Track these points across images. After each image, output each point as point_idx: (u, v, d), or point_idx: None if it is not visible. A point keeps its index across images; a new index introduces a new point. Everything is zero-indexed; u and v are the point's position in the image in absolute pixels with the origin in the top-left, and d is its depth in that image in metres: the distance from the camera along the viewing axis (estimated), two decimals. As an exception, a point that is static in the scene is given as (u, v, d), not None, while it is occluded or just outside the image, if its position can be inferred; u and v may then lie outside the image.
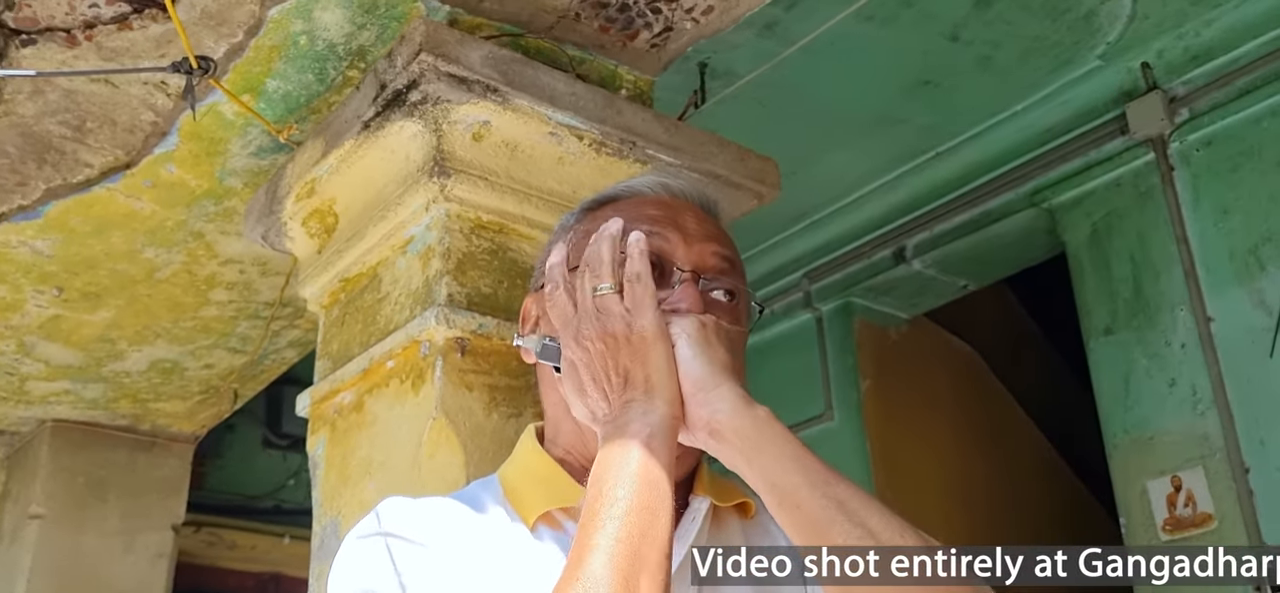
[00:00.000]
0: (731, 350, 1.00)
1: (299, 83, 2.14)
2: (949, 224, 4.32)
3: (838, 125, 4.11)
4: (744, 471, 0.94)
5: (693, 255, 1.07)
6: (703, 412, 0.94)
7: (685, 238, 1.08)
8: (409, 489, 1.83)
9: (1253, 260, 3.47)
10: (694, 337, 0.97)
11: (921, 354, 4.72)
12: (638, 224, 1.05)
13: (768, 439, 0.92)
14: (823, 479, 0.90)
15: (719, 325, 1.01)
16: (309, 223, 2.20)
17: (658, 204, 1.12)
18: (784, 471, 0.90)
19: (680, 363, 0.96)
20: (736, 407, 0.94)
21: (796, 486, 0.89)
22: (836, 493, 0.89)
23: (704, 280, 1.07)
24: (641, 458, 0.89)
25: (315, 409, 2.16)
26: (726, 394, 0.94)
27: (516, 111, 1.92)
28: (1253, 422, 3.35)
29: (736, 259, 1.13)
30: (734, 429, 0.93)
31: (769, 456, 0.91)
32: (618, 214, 1.08)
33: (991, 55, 3.81)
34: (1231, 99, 3.60)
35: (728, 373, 0.96)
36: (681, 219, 1.10)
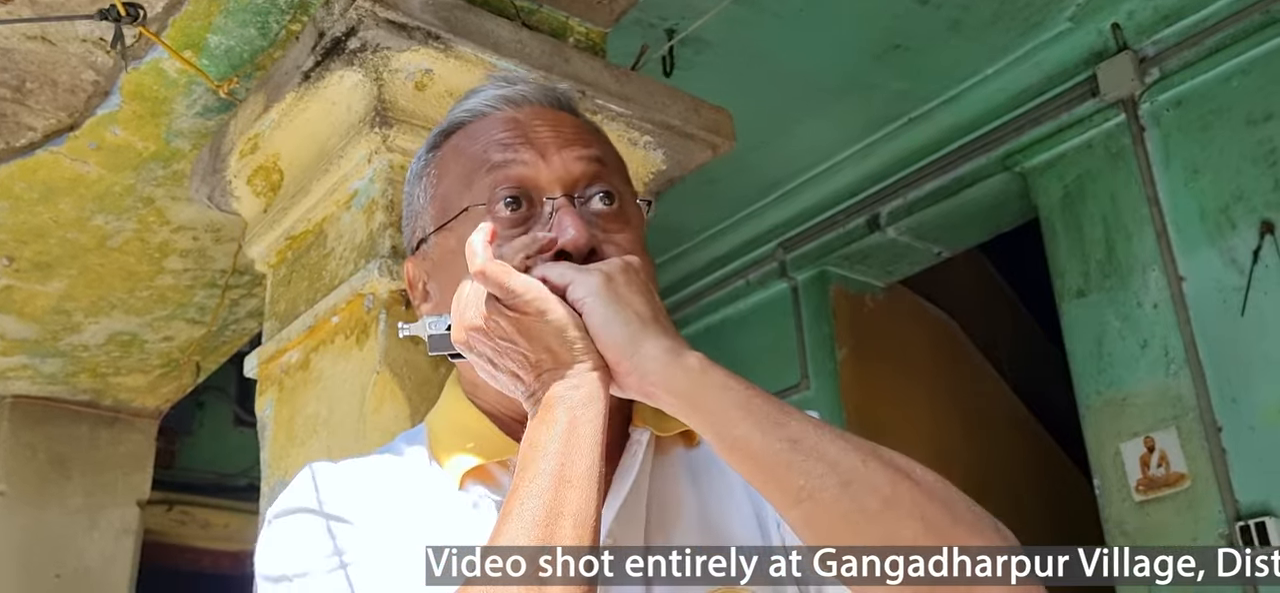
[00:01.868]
0: (647, 290, 0.90)
1: (241, 37, 2.09)
2: (922, 191, 4.28)
3: (809, 93, 4.07)
4: (690, 422, 0.87)
5: (557, 172, 0.96)
6: (632, 377, 0.86)
7: (543, 154, 0.96)
8: (355, 446, 1.79)
9: (1223, 219, 3.45)
10: (601, 294, 0.87)
11: (898, 322, 4.69)
12: (488, 153, 0.96)
13: (706, 389, 0.84)
14: (773, 421, 0.83)
15: (627, 268, 0.90)
16: (254, 181, 2.15)
17: (505, 123, 0.99)
18: (729, 420, 0.83)
19: (594, 329, 0.86)
20: (665, 363, 0.85)
21: (746, 434, 0.82)
22: (789, 432, 0.82)
23: (578, 196, 0.96)
24: (564, 430, 0.83)
25: (263, 370, 2.12)
26: (651, 351, 0.85)
27: (460, 59, 1.87)
28: (1224, 381, 3.33)
29: (606, 154, 1.01)
30: (667, 387, 0.85)
31: (710, 406, 0.84)
32: (465, 142, 1.00)
33: (961, 18, 3.77)
34: (1201, 58, 3.57)
35: (648, 324, 0.87)
36: (534, 133, 0.98)
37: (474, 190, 0.96)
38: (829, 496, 0.80)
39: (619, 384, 0.87)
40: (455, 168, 1.00)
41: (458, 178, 0.99)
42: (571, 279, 0.88)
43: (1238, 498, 3.20)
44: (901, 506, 0.80)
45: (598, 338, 0.86)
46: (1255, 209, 3.38)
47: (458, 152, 1.01)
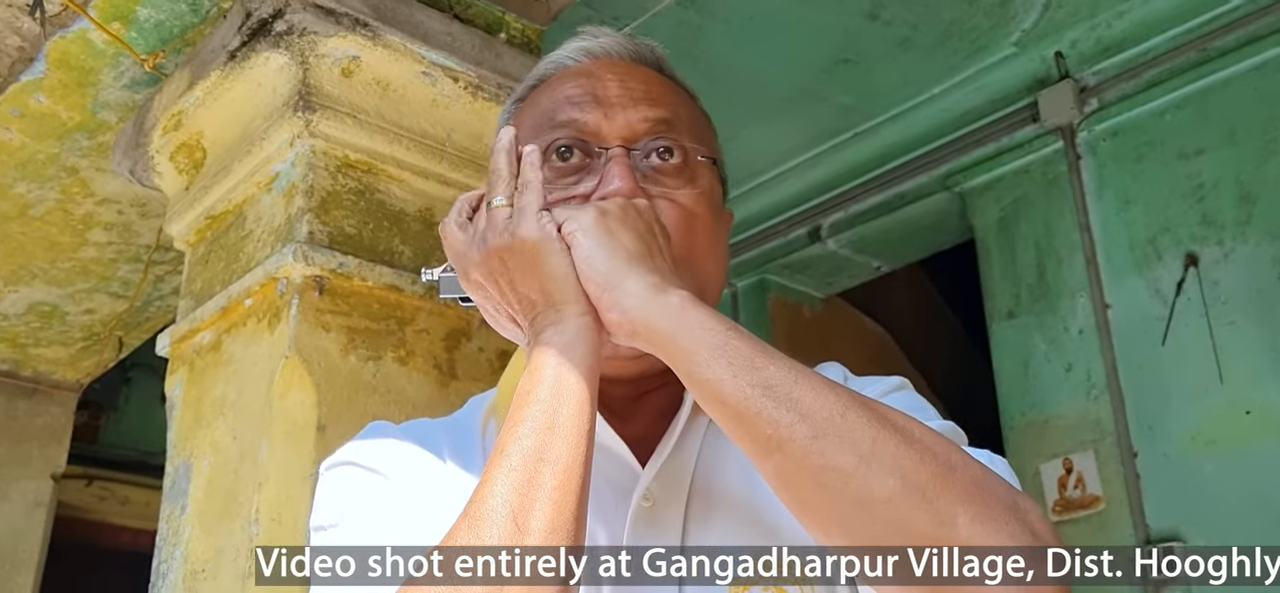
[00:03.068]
0: (645, 231, 0.87)
1: (171, 12, 2.08)
2: (863, 205, 4.34)
3: (757, 102, 4.11)
4: (671, 364, 0.83)
5: (618, 127, 0.95)
6: (612, 313, 0.83)
7: (607, 111, 0.95)
8: (260, 430, 1.79)
9: (1151, 250, 3.53)
10: (592, 228, 0.85)
11: (835, 334, 4.75)
12: (557, 110, 0.96)
13: (683, 328, 0.80)
14: (748, 363, 0.77)
15: (626, 206, 0.88)
16: (177, 157, 2.14)
17: (577, 76, 0.99)
18: (703, 361, 0.78)
19: (579, 262, 0.84)
20: (644, 297, 0.82)
21: (717, 375, 0.77)
22: (765, 376, 0.76)
23: (636, 150, 0.95)
24: (551, 377, 0.81)
25: (175, 349, 2.11)
26: (630, 288, 0.82)
27: (388, 48, 1.89)
28: (1142, 407, 3.41)
29: (677, 114, 0.99)
30: (645, 323, 0.81)
31: (686, 345, 0.79)
32: (541, 94, 1.00)
33: (910, 36, 3.82)
34: (1139, 91, 3.65)
35: (633, 261, 0.84)
36: (603, 89, 0.97)
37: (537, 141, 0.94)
38: (798, 448, 0.74)
39: (604, 324, 0.85)
40: (529, 120, 0.99)
41: (528, 131, 0.97)
42: (568, 215, 0.87)
43: (1149, 523, 3.28)
44: (881, 462, 0.73)
45: (582, 273, 0.85)
46: (1181, 242, 3.46)
47: (533, 105, 1.01)
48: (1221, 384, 3.27)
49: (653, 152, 0.94)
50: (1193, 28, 3.55)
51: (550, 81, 1.01)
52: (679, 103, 1.01)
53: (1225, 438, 3.26)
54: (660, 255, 0.87)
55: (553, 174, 0.93)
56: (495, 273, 0.87)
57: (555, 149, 0.94)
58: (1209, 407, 3.29)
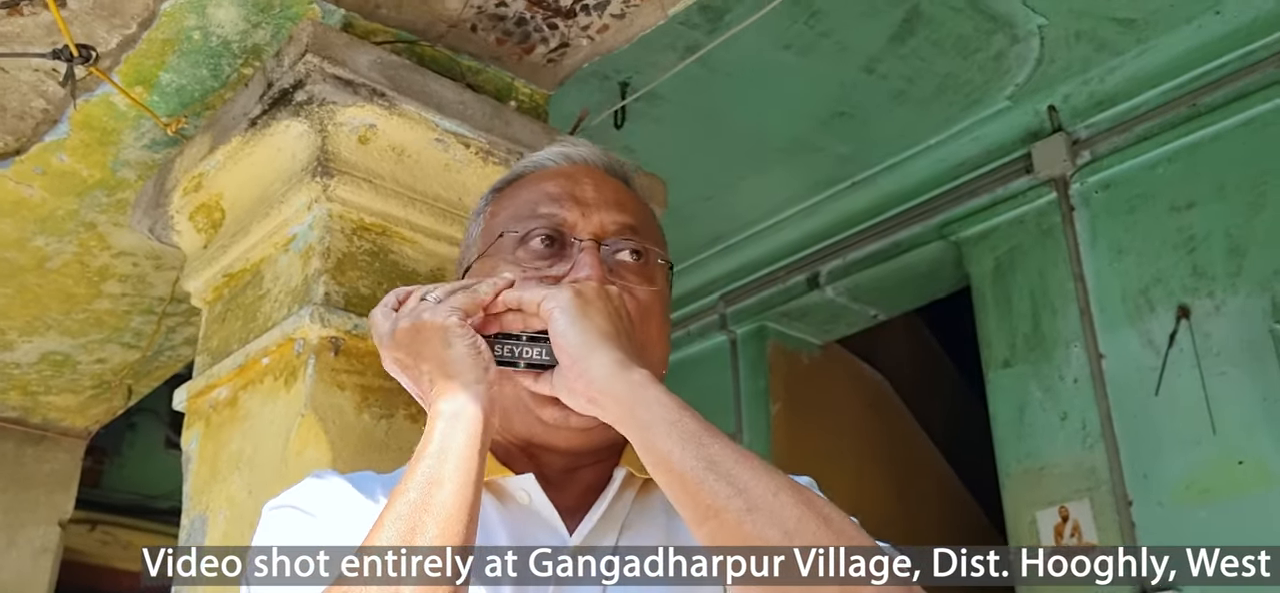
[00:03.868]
0: (614, 314, 0.99)
1: (193, 78, 2.16)
2: (861, 253, 4.43)
3: (756, 152, 4.21)
4: (626, 433, 0.94)
5: (592, 225, 1.08)
6: (579, 382, 0.95)
7: (584, 210, 1.09)
8: (277, 486, 1.85)
9: (1143, 301, 3.62)
10: (567, 307, 0.97)
11: (832, 380, 4.82)
12: (537, 204, 1.09)
13: (642, 402, 0.91)
14: (696, 440, 0.88)
15: (599, 290, 1.00)
16: (196, 217, 2.22)
17: (557, 177, 1.13)
18: (657, 434, 0.90)
19: (556, 336, 0.96)
20: (610, 371, 0.93)
21: (669, 448, 0.89)
22: (710, 452, 0.88)
23: (606, 246, 1.07)
24: (439, 439, 0.92)
25: (191, 404, 2.18)
26: (600, 360, 0.94)
27: (403, 116, 1.97)
28: (1137, 456, 3.48)
29: (641, 222, 1.12)
30: (609, 394, 0.93)
31: (643, 418, 0.91)
32: (520, 191, 1.13)
33: (906, 90, 3.93)
34: (1130, 145, 3.75)
35: (604, 338, 0.96)
36: (580, 190, 1.11)
37: (517, 227, 1.09)
38: (732, 518, 0.84)
39: (569, 389, 0.96)
40: (509, 209, 1.13)
41: (508, 217, 1.11)
42: (547, 294, 0.99)
43: (1144, 572, 3.34)
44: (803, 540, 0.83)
45: (557, 343, 0.96)
46: (1173, 293, 3.55)
47: (514, 196, 1.14)
48: (1214, 434, 3.35)
49: (619, 250, 1.08)
50: (1182, 83, 3.66)
51: (531, 178, 1.16)
52: (643, 212, 1.15)
53: (1219, 487, 3.33)
54: (626, 336, 0.98)
55: (530, 257, 1.07)
56: (403, 347, 0.99)
57: (537, 236, 1.07)
58: (1202, 456, 3.36)
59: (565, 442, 1.05)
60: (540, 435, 1.05)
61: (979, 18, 3.60)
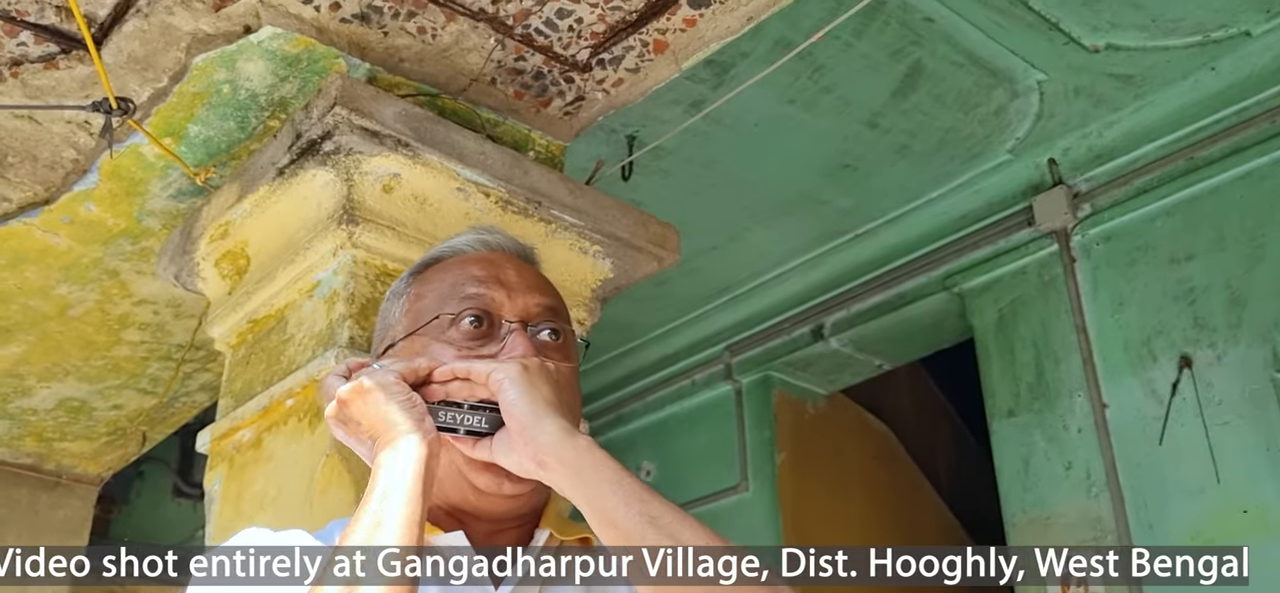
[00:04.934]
0: (555, 386, 1.10)
1: (221, 129, 2.26)
2: (865, 304, 4.51)
3: (761, 204, 4.31)
4: (570, 494, 1.04)
5: (518, 307, 1.18)
6: (528, 448, 1.04)
7: (509, 292, 1.19)
8: (301, 523, 1.92)
9: (1145, 351, 3.69)
10: (516, 379, 1.07)
11: (838, 430, 4.88)
12: (464, 284, 1.18)
13: (588, 465, 1.02)
14: (638, 498, 1.00)
15: (542, 365, 1.11)
16: (221, 264, 2.30)
17: (480, 261, 1.22)
18: (602, 493, 1.00)
19: (505, 405, 1.06)
20: (559, 438, 1.03)
21: (614, 506, 1.00)
22: (650, 510, 0.99)
23: (531, 327, 1.17)
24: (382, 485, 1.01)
25: (215, 446, 2.24)
26: (548, 428, 1.04)
27: (426, 166, 2.06)
28: (1142, 506, 3.53)
29: (558, 304, 1.24)
30: (557, 458, 1.03)
31: (589, 479, 1.02)
32: (444, 273, 1.22)
33: (908, 143, 4.03)
34: (1130, 197, 3.85)
35: (550, 407, 1.06)
36: (504, 274, 1.20)
37: (445, 309, 1.17)
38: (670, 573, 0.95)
39: (518, 455, 1.05)
40: (434, 290, 1.20)
41: (435, 298, 1.19)
42: (494, 366, 1.09)
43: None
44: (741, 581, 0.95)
45: (507, 414, 1.06)
46: (1175, 344, 3.63)
47: (438, 279, 1.22)
48: (1218, 484, 3.40)
49: (541, 330, 1.18)
50: (1181, 137, 3.76)
51: (452, 262, 1.24)
52: (556, 295, 1.25)
53: (1224, 537, 3.38)
54: (566, 406, 1.09)
55: (462, 336, 1.15)
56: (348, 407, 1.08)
57: (467, 316, 1.16)
58: (1207, 506, 3.42)
59: (495, 507, 1.14)
60: (471, 502, 1.13)
61: (979, 73, 3.71)
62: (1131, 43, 3.61)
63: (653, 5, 2.13)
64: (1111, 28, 3.54)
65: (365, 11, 2.08)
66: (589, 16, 2.15)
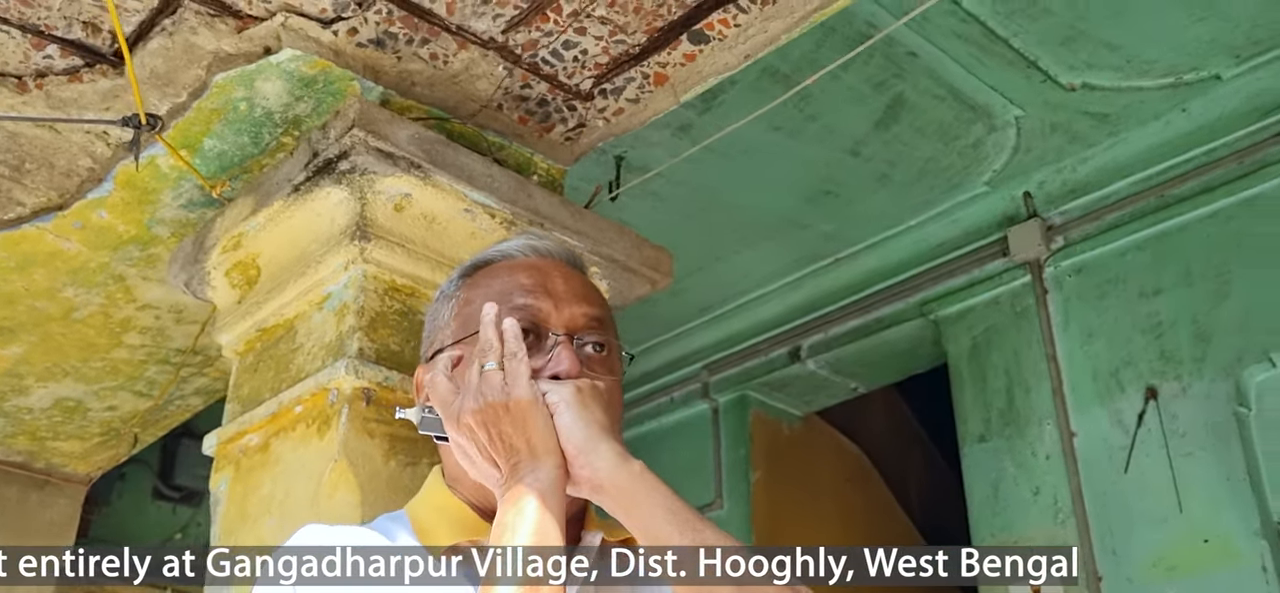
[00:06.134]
0: (607, 409, 1.16)
1: (235, 144, 2.38)
2: (842, 328, 4.69)
3: (744, 227, 4.47)
4: (623, 518, 1.11)
5: (564, 318, 1.23)
6: (585, 471, 1.10)
7: (556, 302, 1.23)
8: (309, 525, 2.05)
9: (1113, 382, 3.87)
10: (572, 402, 1.12)
11: (812, 451, 5.04)
12: (512, 294, 1.22)
13: (643, 492, 1.09)
14: (691, 526, 1.07)
15: (594, 387, 1.16)
16: (232, 274, 2.43)
17: (528, 268, 1.27)
18: (656, 519, 1.08)
19: (562, 428, 1.11)
20: (614, 464, 1.09)
21: (666, 531, 1.07)
22: (702, 537, 1.06)
23: (577, 339, 1.22)
24: (535, 518, 1.06)
25: (221, 449, 2.36)
26: (605, 453, 1.10)
27: (436, 187, 2.19)
28: (1107, 533, 3.71)
29: (604, 314, 1.28)
30: (613, 484, 1.09)
31: (644, 507, 1.09)
32: (493, 278, 1.26)
33: (889, 172, 4.21)
34: (1102, 231, 4.04)
35: (605, 432, 1.12)
36: (551, 283, 1.25)
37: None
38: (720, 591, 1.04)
39: (573, 477, 1.11)
40: (483, 295, 1.24)
41: (483, 303, 1.22)
42: (549, 388, 1.14)
43: (1113, 648, 3.56)
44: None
45: (563, 436, 1.11)
46: (1142, 375, 3.81)
47: (486, 284, 1.27)
48: (1181, 513, 3.59)
49: (588, 342, 1.23)
50: (1152, 175, 3.96)
51: (501, 266, 1.29)
52: (603, 303, 1.30)
53: (1185, 565, 3.57)
54: (618, 429, 1.16)
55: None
56: (487, 423, 1.12)
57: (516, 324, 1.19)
58: (1169, 534, 3.60)
59: None
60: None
61: (959, 107, 3.89)
62: (1107, 83, 3.81)
63: (655, 40, 2.28)
64: (1088, 68, 3.74)
65: (381, 37, 2.22)
66: (594, 49, 2.29)
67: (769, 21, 2.20)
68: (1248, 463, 3.50)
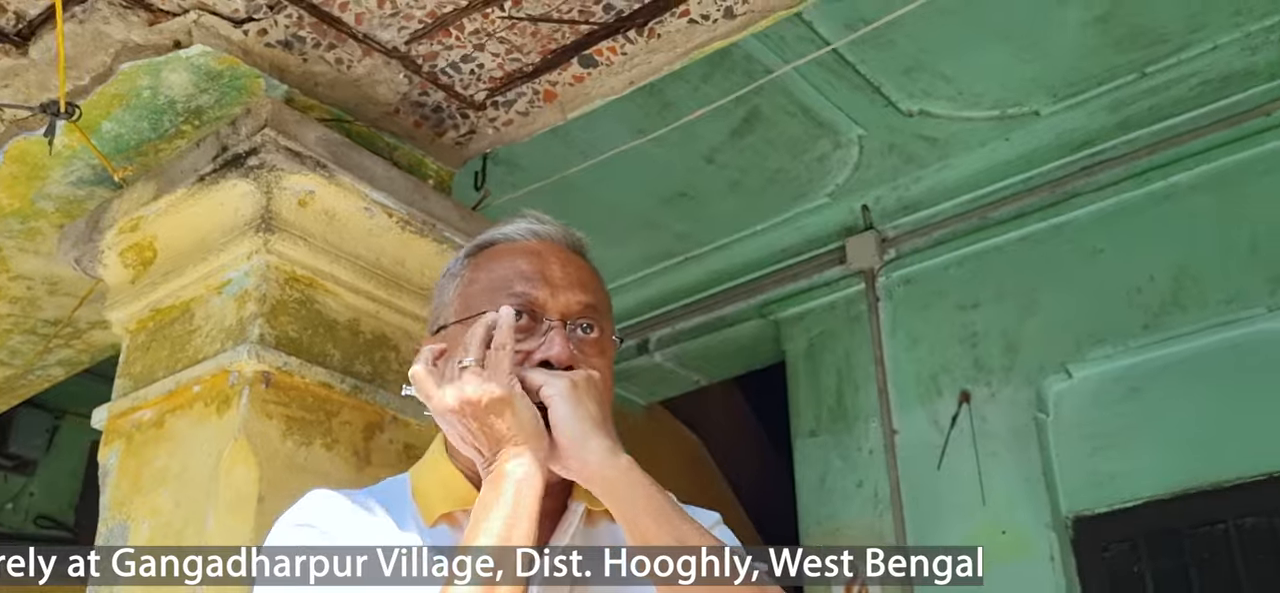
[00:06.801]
0: (600, 401, 1.22)
1: (133, 128, 2.50)
2: (689, 323, 5.03)
3: (606, 224, 4.72)
4: (609, 507, 1.18)
5: (559, 304, 1.28)
6: (575, 462, 1.17)
7: (553, 289, 1.29)
8: (206, 499, 2.21)
9: (932, 385, 4.33)
10: (566, 396, 1.19)
11: (654, 439, 5.37)
12: (512, 279, 1.29)
13: (628, 485, 1.17)
14: (672, 525, 1.16)
15: (589, 379, 1.22)
16: (127, 254, 2.54)
17: (528, 253, 1.32)
18: (637, 510, 1.16)
19: (555, 420, 1.18)
20: (604, 458, 1.17)
21: (646, 525, 1.15)
22: (683, 537, 1.15)
23: (571, 324, 1.28)
24: (510, 503, 1.15)
25: (112, 423, 2.49)
26: (594, 447, 1.17)
27: (339, 186, 2.38)
28: (920, 523, 4.16)
29: (598, 299, 1.33)
30: (602, 478, 1.17)
31: (626, 499, 1.16)
32: (495, 261, 1.33)
33: (740, 180, 4.55)
34: (929, 246, 4.49)
35: (597, 426, 1.19)
36: (549, 270, 1.30)
37: (494, 302, 1.27)
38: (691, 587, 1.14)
39: (564, 466, 1.19)
40: (484, 278, 1.32)
41: (484, 287, 1.30)
42: (545, 381, 1.21)
43: (919, 630, 4.00)
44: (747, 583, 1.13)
45: (556, 428, 1.18)
46: (957, 380, 4.28)
47: (489, 266, 1.33)
48: (984, 507, 4.06)
49: (580, 327, 1.30)
50: (975, 198, 4.43)
51: (503, 249, 1.35)
52: (599, 288, 1.36)
53: (985, 554, 4.03)
54: (609, 421, 1.22)
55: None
56: (466, 416, 1.19)
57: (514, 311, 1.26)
58: (973, 526, 4.07)
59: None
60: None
61: (808, 123, 4.26)
62: (941, 111, 4.25)
63: (547, 61, 2.52)
64: (925, 96, 4.17)
65: (289, 39, 2.38)
66: (490, 64, 2.52)
67: (653, 54, 2.48)
68: (1043, 463, 3.99)
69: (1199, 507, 3.67)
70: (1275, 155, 3.82)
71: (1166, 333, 3.87)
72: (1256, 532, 3.57)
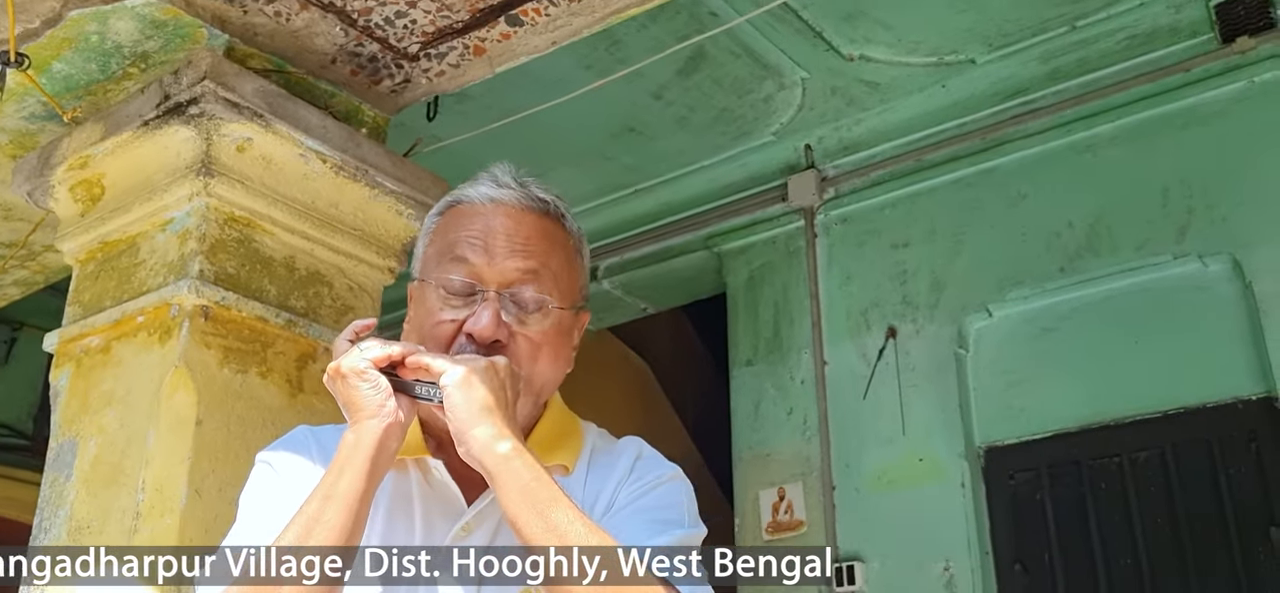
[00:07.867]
0: (497, 387, 1.23)
1: (82, 69, 2.68)
2: (637, 253, 5.24)
3: (553, 154, 4.90)
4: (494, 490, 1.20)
5: (495, 273, 1.31)
6: (462, 446, 1.21)
7: (491, 257, 1.32)
8: (148, 421, 2.44)
9: (862, 320, 4.57)
10: (459, 384, 1.21)
11: (602, 364, 5.62)
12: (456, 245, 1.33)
13: (505, 473, 1.18)
14: (541, 509, 1.16)
15: (489, 367, 1.23)
16: (76, 190, 2.74)
17: (478, 218, 1.35)
18: (511, 499, 1.18)
19: (447, 407, 1.21)
20: (484, 444, 1.19)
21: (517, 512, 1.17)
22: (552, 519, 1.16)
23: (509, 291, 1.32)
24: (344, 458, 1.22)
25: (62, 347, 2.70)
26: (478, 435, 1.20)
27: (276, 134, 2.57)
28: (844, 449, 4.43)
29: (540, 265, 1.34)
30: (481, 464, 1.20)
31: (502, 484, 1.19)
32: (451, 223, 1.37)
33: (687, 116, 4.73)
34: (867, 187, 4.70)
35: (484, 412, 1.20)
36: (492, 238, 1.33)
37: (440, 268, 1.34)
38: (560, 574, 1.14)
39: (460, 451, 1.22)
40: (439, 241, 1.38)
41: (438, 249, 1.37)
42: (444, 368, 1.24)
43: (839, 545, 4.29)
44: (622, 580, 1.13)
45: (448, 412, 1.22)
46: (886, 316, 4.51)
47: (446, 228, 1.38)
48: (904, 436, 4.32)
49: (518, 294, 1.32)
50: (911, 141, 4.63)
51: (461, 211, 1.38)
52: (551, 252, 1.36)
53: (903, 480, 4.31)
54: (505, 407, 1.23)
55: (446, 295, 1.33)
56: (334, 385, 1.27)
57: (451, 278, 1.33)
58: (893, 453, 4.34)
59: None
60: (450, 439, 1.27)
61: (753, 64, 4.43)
62: (880, 56, 4.43)
63: (476, 18, 2.70)
64: (866, 42, 4.34)
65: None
66: (422, 19, 2.70)
67: (574, 16, 2.66)
68: (960, 397, 4.25)
69: (1098, 440, 3.94)
70: (1191, 111, 4.03)
71: (1080, 276, 4.10)
72: (1148, 465, 3.85)
